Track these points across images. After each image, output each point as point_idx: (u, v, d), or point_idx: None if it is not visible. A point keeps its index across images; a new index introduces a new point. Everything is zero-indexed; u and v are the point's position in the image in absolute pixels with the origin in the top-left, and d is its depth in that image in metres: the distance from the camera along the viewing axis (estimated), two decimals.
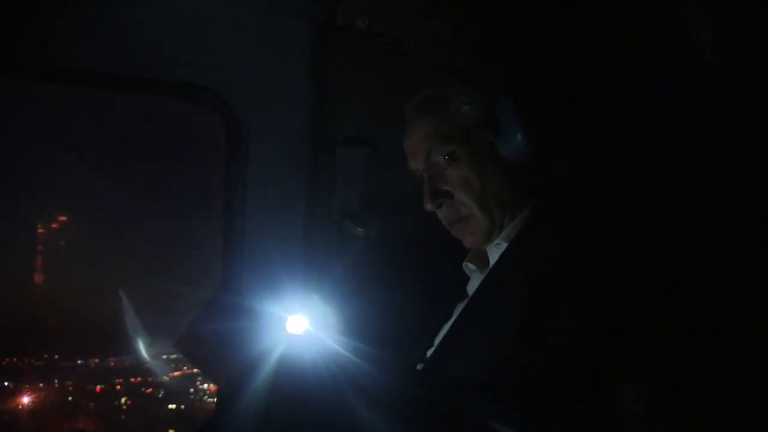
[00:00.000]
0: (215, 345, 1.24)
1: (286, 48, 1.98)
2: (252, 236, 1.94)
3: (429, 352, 1.56)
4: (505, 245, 1.51)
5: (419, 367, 1.53)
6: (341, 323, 1.65)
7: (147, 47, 1.84)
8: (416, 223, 1.70)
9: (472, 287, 1.63)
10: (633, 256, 1.32)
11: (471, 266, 1.64)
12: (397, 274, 1.93)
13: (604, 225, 1.39)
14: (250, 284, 1.89)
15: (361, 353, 1.29)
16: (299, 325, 1.54)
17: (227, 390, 1.28)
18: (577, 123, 1.78)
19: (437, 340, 1.56)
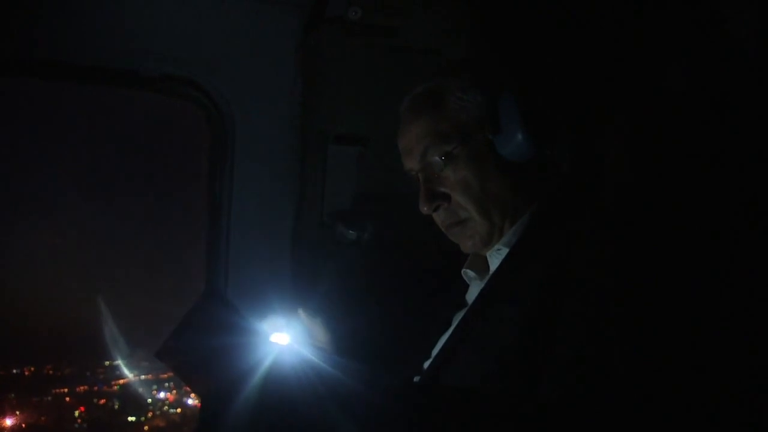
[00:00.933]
0: (200, 354, 1.17)
1: (274, 40, 1.92)
2: (237, 239, 1.90)
3: (426, 364, 1.49)
4: (506, 251, 1.45)
5: (416, 379, 1.47)
6: (330, 334, 1.59)
7: (127, 39, 1.79)
8: (411, 226, 1.64)
9: (471, 295, 1.57)
10: (641, 263, 1.26)
11: (470, 273, 1.58)
12: (392, 280, 1.89)
13: (610, 230, 1.33)
14: (235, 291, 1.84)
15: (345, 367, 1.21)
16: (284, 336, 1.50)
17: (211, 402, 1.21)
18: (580, 121, 1.72)
19: (435, 351, 1.50)
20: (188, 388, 1.21)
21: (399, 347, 1.63)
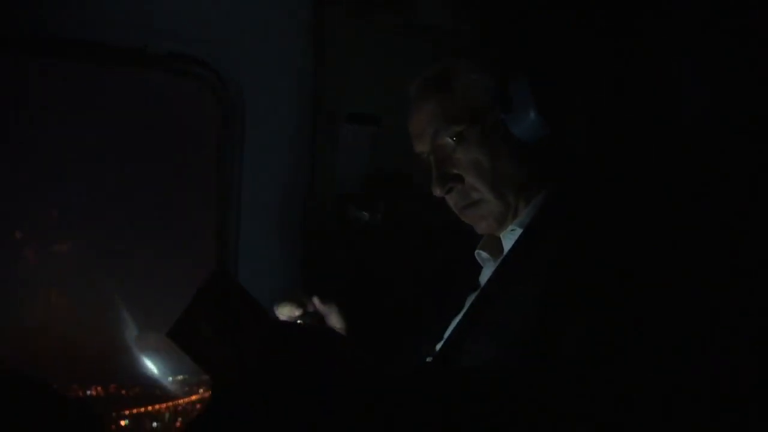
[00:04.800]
0: (213, 334, 1.16)
1: (284, 18, 1.91)
2: (247, 222, 1.88)
3: (439, 346, 1.48)
4: (519, 231, 1.43)
5: (428, 360, 1.46)
6: (345, 322, 1.58)
7: (132, 16, 1.76)
8: (424, 207, 1.62)
9: (484, 277, 1.55)
10: (657, 243, 1.25)
11: (483, 254, 1.56)
12: (404, 262, 1.86)
13: (625, 210, 1.32)
14: (245, 274, 1.83)
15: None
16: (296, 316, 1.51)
17: (224, 382, 1.20)
18: (595, 100, 1.69)
19: (447, 334, 1.48)
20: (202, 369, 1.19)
21: (412, 331, 1.62)
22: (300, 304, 1.54)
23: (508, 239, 1.46)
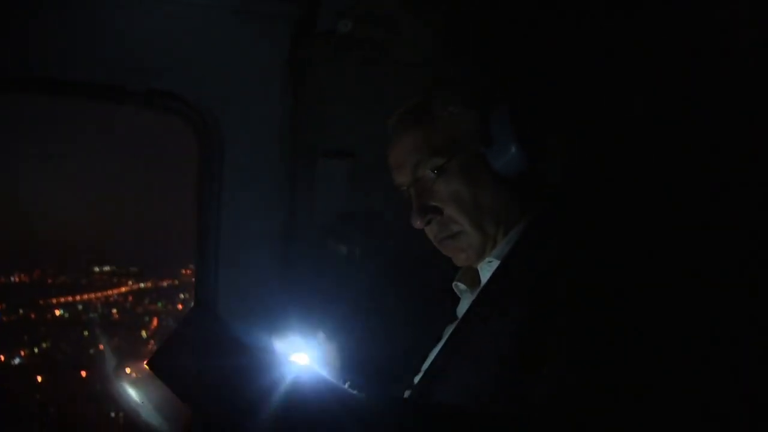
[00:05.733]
0: (193, 364, 1.14)
1: (263, 54, 1.92)
2: (227, 253, 1.87)
3: (417, 379, 1.47)
4: (497, 263, 1.43)
5: (407, 394, 1.45)
6: (343, 359, 1.57)
7: (112, 53, 1.77)
8: (403, 240, 1.62)
9: (462, 309, 1.55)
10: (634, 274, 1.26)
11: (461, 286, 1.56)
12: (383, 294, 1.86)
13: (603, 241, 1.32)
14: (225, 306, 1.81)
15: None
16: (302, 357, 1.47)
17: (202, 414, 1.18)
18: (572, 133, 1.72)
19: (425, 366, 1.48)
20: (182, 403, 1.17)
21: (390, 363, 1.62)
22: (304, 337, 1.50)
23: (486, 270, 1.46)
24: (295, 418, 1.06)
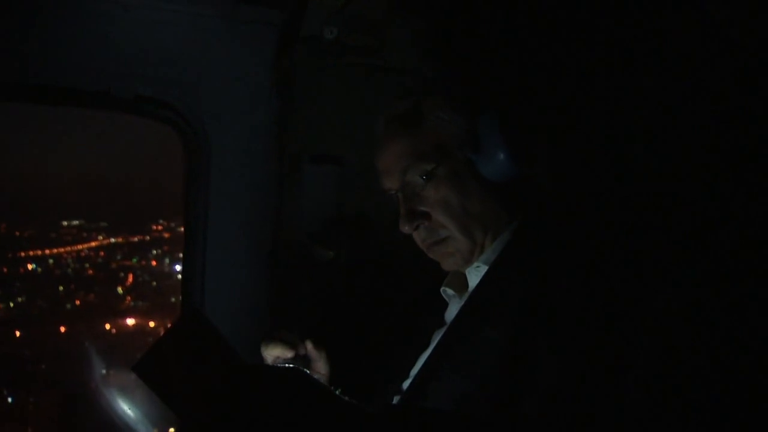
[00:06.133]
0: (180, 371, 1.14)
1: (249, 60, 1.91)
2: (213, 259, 1.86)
3: (406, 384, 1.47)
4: (485, 268, 1.44)
5: (396, 400, 1.45)
6: (329, 362, 1.56)
7: (100, 60, 1.76)
8: (390, 245, 1.62)
9: (450, 314, 1.55)
10: (623, 280, 1.27)
11: (449, 291, 1.56)
12: (371, 299, 1.85)
13: (590, 247, 1.33)
14: (211, 310, 1.80)
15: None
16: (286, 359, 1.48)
17: (187, 420, 1.17)
18: (560, 139, 1.72)
19: (414, 371, 1.48)
20: (165, 405, 1.16)
21: (379, 368, 1.61)
22: (291, 346, 1.51)
23: (474, 276, 1.47)
24: (284, 423, 1.05)
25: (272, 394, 1.08)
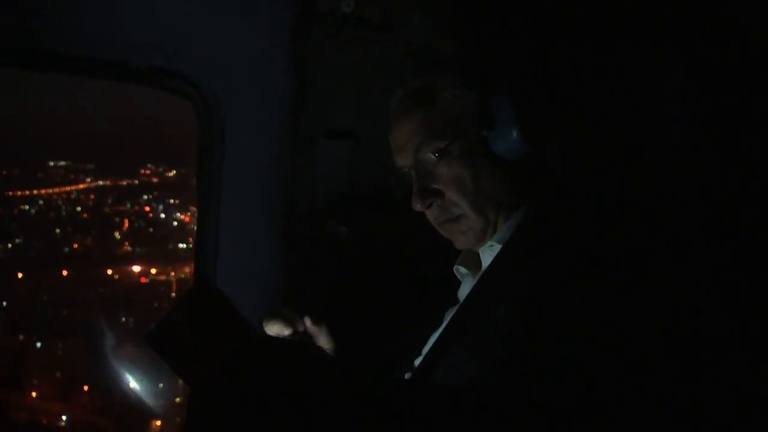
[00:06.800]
0: (191, 340, 1.14)
1: (265, 33, 1.88)
2: (226, 233, 1.87)
3: (418, 362, 1.47)
4: (498, 247, 1.43)
5: (407, 376, 1.46)
6: (332, 337, 1.56)
7: (116, 30, 1.74)
8: (404, 222, 1.61)
9: (463, 292, 1.56)
10: (637, 260, 1.26)
11: (462, 270, 1.56)
12: (384, 277, 1.85)
13: (604, 226, 1.33)
14: (224, 284, 1.80)
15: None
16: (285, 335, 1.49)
17: (199, 389, 1.18)
18: (575, 118, 1.71)
19: (426, 349, 1.48)
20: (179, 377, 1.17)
21: (391, 345, 1.61)
22: (290, 323, 1.51)
23: (487, 255, 1.47)
24: (294, 394, 1.06)
25: (284, 366, 1.08)
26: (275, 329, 1.50)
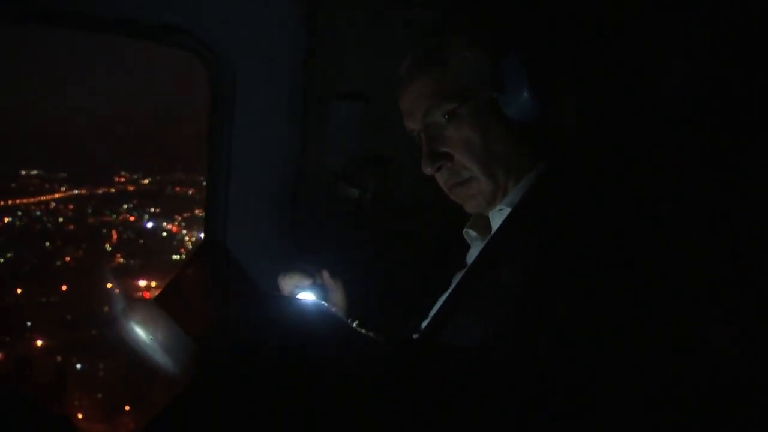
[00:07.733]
0: (201, 301, 1.15)
1: None
2: (237, 194, 1.86)
3: (424, 324, 1.48)
4: (508, 210, 1.42)
5: (414, 337, 1.45)
6: (346, 294, 1.58)
7: None
8: (414, 185, 1.61)
9: (471, 256, 1.55)
10: (648, 226, 1.26)
11: (472, 233, 1.55)
12: (393, 239, 1.85)
13: (615, 191, 1.32)
14: (234, 244, 1.81)
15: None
16: (308, 296, 1.51)
17: (208, 350, 1.19)
18: (587, 81, 1.68)
19: (433, 312, 1.48)
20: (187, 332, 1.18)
21: (398, 307, 1.62)
22: (309, 275, 1.54)
23: (497, 218, 1.46)
24: (303, 354, 1.07)
25: (293, 325, 1.09)
26: (294, 281, 1.52)
